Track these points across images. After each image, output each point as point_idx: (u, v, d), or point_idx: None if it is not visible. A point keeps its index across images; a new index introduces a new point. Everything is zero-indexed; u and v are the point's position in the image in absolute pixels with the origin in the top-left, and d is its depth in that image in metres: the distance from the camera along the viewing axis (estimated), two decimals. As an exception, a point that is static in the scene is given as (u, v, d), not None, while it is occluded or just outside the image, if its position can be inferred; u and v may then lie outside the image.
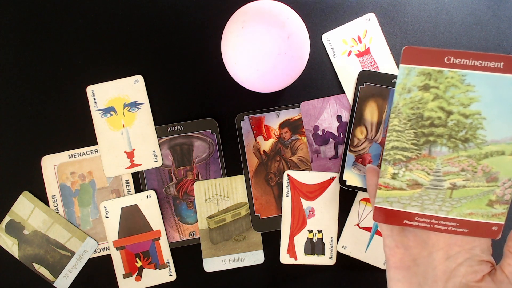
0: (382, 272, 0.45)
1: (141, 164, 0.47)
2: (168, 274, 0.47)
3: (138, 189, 0.48)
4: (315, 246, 0.47)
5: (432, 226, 0.35)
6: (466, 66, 0.33)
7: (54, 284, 0.47)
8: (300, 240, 0.47)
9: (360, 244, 0.47)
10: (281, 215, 0.47)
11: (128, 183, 0.47)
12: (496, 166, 0.34)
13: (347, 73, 0.47)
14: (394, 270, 0.36)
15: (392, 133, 0.35)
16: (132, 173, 0.47)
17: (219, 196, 0.47)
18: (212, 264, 0.47)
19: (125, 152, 0.47)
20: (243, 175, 0.47)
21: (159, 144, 0.47)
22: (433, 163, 0.35)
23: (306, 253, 0.47)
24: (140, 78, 0.47)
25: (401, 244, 0.36)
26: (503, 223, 0.34)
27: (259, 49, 0.39)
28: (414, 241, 0.36)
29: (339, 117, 0.47)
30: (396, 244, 0.36)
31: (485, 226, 0.35)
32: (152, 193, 0.47)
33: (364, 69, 0.47)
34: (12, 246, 0.47)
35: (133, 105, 0.47)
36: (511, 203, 0.34)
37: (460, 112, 0.33)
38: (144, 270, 0.47)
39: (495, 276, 0.34)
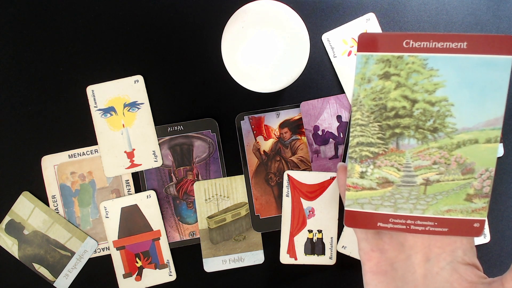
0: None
1: (141, 164, 0.47)
2: (168, 274, 0.47)
3: (138, 189, 0.48)
4: (315, 246, 0.47)
5: (408, 227, 0.32)
6: (427, 49, 0.30)
7: (54, 284, 0.47)
8: (300, 240, 0.47)
9: (360, 244, 0.47)
10: (281, 215, 0.47)
11: (128, 183, 0.47)
12: (470, 156, 0.31)
13: (347, 73, 0.47)
14: (371, 275, 0.33)
15: (356, 127, 0.32)
16: (132, 173, 0.47)
17: (219, 196, 0.47)
18: (212, 264, 0.47)
19: (125, 152, 0.47)
20: (243, 175, 0.47)
21: (159, 144, 0.47)
22: (402, 158, 0.32)
23: (306, 253, 0.47)
24: (140, 78, 0.47)
25: (376, 248, 0.33)
26: (485, 219, 0.32)
27: (259, 49, 0.39)
28: (390, 244, 0.34)
29: (339, 117, 0.47)
30: (371, 248, 0.33)
31: (465, 224, 0.32)
32: (152, 193, 0.47)
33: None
34: (12, 246, 0.47)
35: (133, 105, 0.47)
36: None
37: (426, 99, 0.31)
38: (144, 270, 0.47)
39: (489, 287, 0.30)
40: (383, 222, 0.33)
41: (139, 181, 0.47)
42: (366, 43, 0.31)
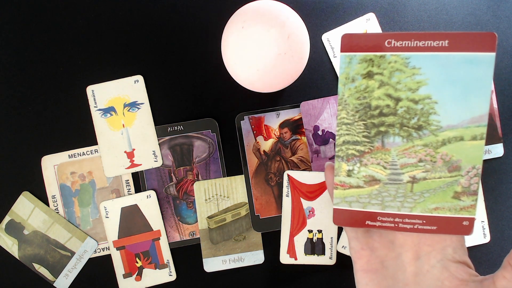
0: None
1: (141, 164, 0.47)
2: (168, 274, 0.47)
3: (138, 189, 0.48)
4: (315, 246, 0.47)
5: (396, 225, 0.32)
6: (409, 48, 0.30)
7: (54, 284, 0.47)
8: (300, 240, 0.47)
9: (360, 244, 0.47)
10: (281, 215, 0.47)
11: (128, 183, 0.47)
12: (456, 153, 0.31)
13: (347, 73, 0.47)
14: (361, 274, 0.33)
15: (342, 126, 0.32)
16: (132, 173, 0.47)
17: (219, 196, 0.47)
18: (212, 264, 0.47)
19: (125, 152, 0.47)
20: (243, 175, 0.47)
21: (159, 144, 0.47)
22: (388, 156, 0.32)
23: (306, 253, 0.47)
24: (140, 78, 0.47)
25: (366, 246, 0.34)
26: (474, 217, 0.31)
27: (259, 49, 0.39)
28: (380, 242, 0.34)
29: (339, 117, 0.47)
30: (361, 246, 0.34)
31: (454, 222, 0.31)
32: (152, 193, 0.47)
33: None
34: (12, 246, 0.47)
35: (133, 105, 0.47)
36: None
37: (409, 98, 0.31)
38: (144, 270, 0.47)
39: (481, 285, 0.30)
40: (371, 220, 0.33)
41: (139, 181, 0.47)
42: (349, 43, 0.31)
